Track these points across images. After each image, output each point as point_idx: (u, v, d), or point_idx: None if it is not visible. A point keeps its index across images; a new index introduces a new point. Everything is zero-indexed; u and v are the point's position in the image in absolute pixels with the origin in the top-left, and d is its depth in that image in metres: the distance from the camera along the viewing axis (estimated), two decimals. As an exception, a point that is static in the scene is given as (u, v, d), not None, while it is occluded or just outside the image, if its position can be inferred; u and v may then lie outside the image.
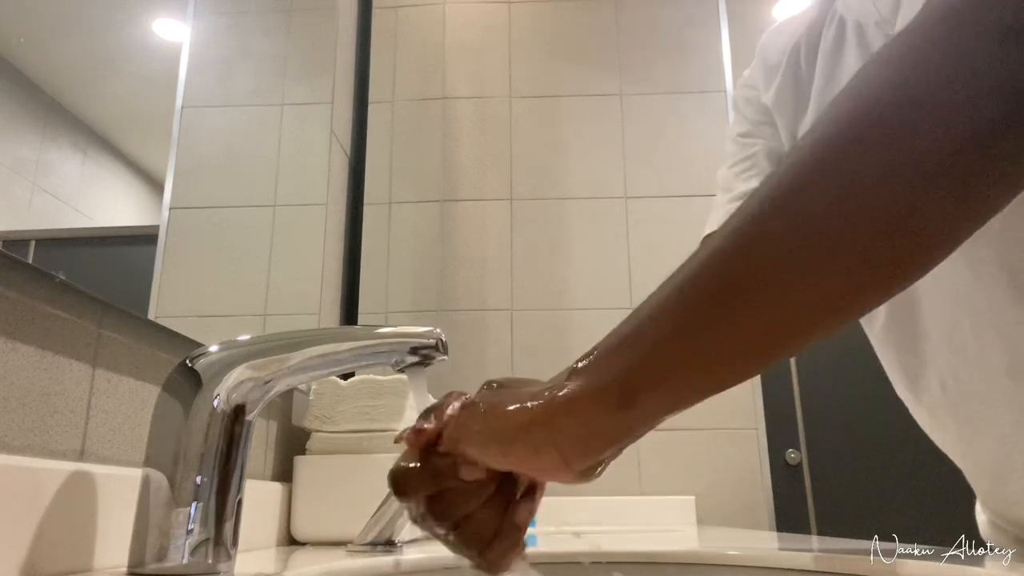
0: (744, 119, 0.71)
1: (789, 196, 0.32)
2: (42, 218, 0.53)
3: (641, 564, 0.66)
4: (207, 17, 0.80)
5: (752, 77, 0.72)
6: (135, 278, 0.65)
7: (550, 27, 1.98)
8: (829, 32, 0.63)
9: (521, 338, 1.77)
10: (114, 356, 0.59)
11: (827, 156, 0.31)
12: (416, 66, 1.88)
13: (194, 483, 0.45)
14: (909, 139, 0.29)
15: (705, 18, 1.96)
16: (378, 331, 0.48)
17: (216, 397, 0.46)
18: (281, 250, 1.00)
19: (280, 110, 1.03)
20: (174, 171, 0.71)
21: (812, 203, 0.31)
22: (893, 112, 0.30)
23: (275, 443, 0.92)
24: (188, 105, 0.74)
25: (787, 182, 0.32)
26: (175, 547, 0.44)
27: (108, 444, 0.57)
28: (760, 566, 0.59)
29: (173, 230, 0.70)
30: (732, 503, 1.66)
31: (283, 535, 0.88)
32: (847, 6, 0.61)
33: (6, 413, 0.47)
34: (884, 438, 2.92)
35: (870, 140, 0.30)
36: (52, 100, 0.54)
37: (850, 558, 0.51)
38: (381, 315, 1.46)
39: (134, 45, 0.66)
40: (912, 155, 0.29)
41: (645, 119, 1.90)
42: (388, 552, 0.68)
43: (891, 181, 0.29)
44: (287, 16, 1.07)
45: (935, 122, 0.29)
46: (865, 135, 0.30)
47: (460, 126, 1.92)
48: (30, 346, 0.49)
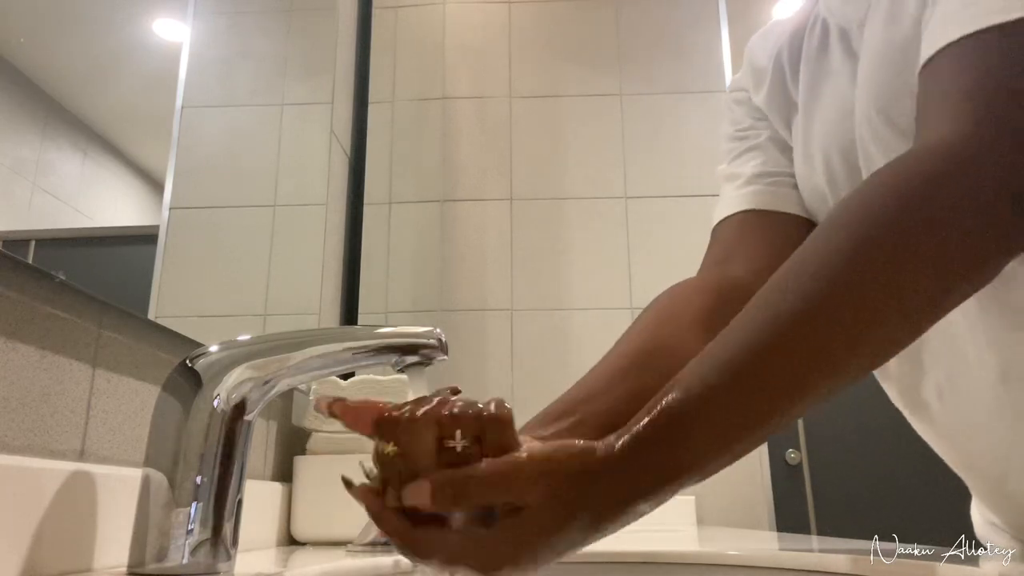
0: (739, 119, 0.71)
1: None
2: (42, 218, 0.53)
3: (641, 564, 0.66)
4: (207, 17, 0.80)
5: (741, 80, 0.72)
6: (135, 278, 0.65)
7: (550, 27, 1.98)
8: (812, 36, 0.63)
9: (521, 338, 1.77)
10: (114, 356, 0.59)
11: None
12: (416, 66, 1.88)
13: (194, 483, 0.45)
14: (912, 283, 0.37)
15: (705, 18, 1.96)
16: (378, 331, 0.48)
17: (216, 397, 0.46)
18: (281, 250, 1.00)
19: (280, 110, 1.03)
20: (174, 171, 0.71)
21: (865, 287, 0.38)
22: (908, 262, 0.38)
23: (275, 443, 0.92)
24: (188, 105, 0.74)
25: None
26: (175, 547, 0.44)
27: (108, 444, 0.57)
28: (760, 566, 0.59)
29: (173, 230, 0.70)
30: (732, 503, 1.66)
31: (283, 535, 0.88)
32: (829, 10, 0.61)
33: (6, 413, 0.47)
34: (884, 438, 2.92)
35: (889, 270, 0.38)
36: (52, 100, 0.54)
37: (850, 558, 0.51)
38: (381, 315, 1.46)
39: (134, 45, 0.66)
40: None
41: (645, 119, 1.90)
42: (388, 552, 0.68)
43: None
44: (287, 16, 1.07)
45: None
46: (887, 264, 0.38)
47: (460, 126, 1.92)
48: (30, 346, 0.49)
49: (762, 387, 0.36)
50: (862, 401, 3.00)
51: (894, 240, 0.38)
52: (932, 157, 0.39)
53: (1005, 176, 0.38)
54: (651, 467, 0.36)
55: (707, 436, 0.36)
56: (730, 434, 0.36)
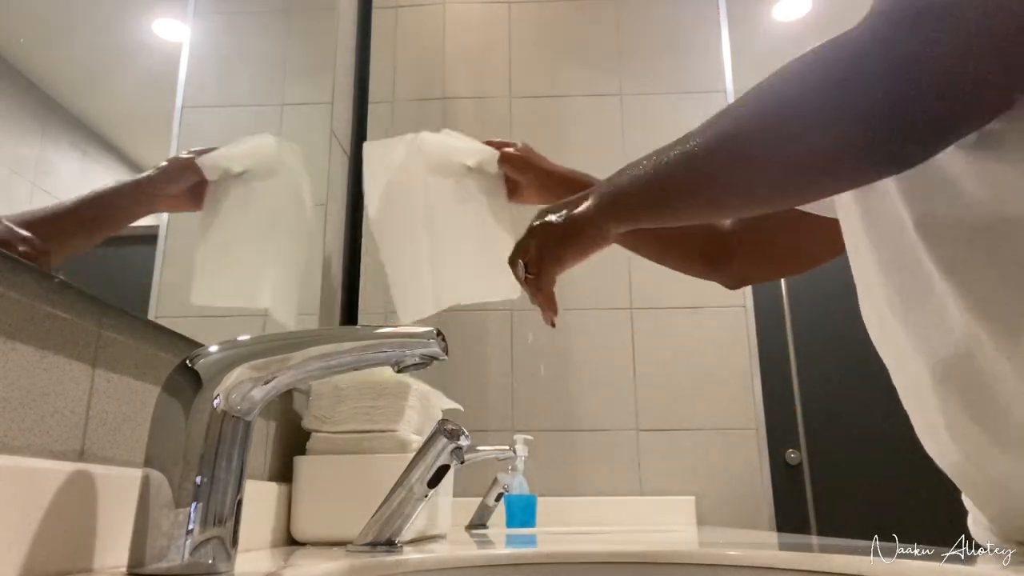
0: None
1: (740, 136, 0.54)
2: (42, 218, 0.53)
3: (641, 564, 0.66)
4: (207, 17, 0.80)
5: None
6: (135, 278, 0.65)
7: (550, 27, 1.98)
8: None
9: (521, 338, 1.77)
10: (114, 356, 0.59)
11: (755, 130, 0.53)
12: (416, 66, 1.88)
13: (194, 483, 0.45)
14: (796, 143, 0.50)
15: (705, 18, 1.96)
16: (378, 331, 0.48)
17: (216, 397, 0.46)
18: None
19: (280, 110, 1.03)
20: (174, 171, 0.71)
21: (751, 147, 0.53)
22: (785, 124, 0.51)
23: (275, 443, 0.92)
24: (188, 105, 0.74)
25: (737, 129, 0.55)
26: (175, 547, 0.44)
27: (108, 444, 0.57)
28: (760, 566, 0.59)
29: (173, 230, 0.70)
30: (732, 503, 1.66)
31: (283, 535, 0.88)
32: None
33: (6, 413, 0.47)
34: (884, 438, 2.92)
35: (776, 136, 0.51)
36: (52, 100, 0.54)
37: (850, 558, 0.51)
38: (381, 315, 1.46)
39: (134, 45, 0.66)
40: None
41: (645, 119, 1.90)
42: (388, 552, 0.68)
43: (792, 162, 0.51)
44: (287, 16, 1.07)
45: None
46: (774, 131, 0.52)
47: (460, 126, 1.92)
48: (30, 346, 0.49)
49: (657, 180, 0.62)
50: (862, 402, 3.00)
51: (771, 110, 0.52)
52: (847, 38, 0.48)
53: (897, 64, 0.44)
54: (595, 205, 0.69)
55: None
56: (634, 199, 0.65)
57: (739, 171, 0.54)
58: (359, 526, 0.74)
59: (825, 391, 3.14)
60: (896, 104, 0.44)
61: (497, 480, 1.44)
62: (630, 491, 1.67)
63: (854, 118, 0.45)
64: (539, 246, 0.72)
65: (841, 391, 3.13)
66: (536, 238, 0.72)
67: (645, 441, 1.70)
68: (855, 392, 3.05)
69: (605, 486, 1.68)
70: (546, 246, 0.71)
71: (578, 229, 0.69)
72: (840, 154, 0.48)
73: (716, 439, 1.69)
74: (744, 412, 1.69)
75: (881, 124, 0.44)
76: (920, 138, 0.44)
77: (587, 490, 1.68)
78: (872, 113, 0.45)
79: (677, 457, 1.69)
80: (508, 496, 1.43)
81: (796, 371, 3.18)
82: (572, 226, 0.69)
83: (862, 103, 0.45)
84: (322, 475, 0.88)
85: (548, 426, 1.71)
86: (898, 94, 0.43)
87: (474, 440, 1.17)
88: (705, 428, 1.69)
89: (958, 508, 0.65)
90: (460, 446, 0.74)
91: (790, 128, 0.50)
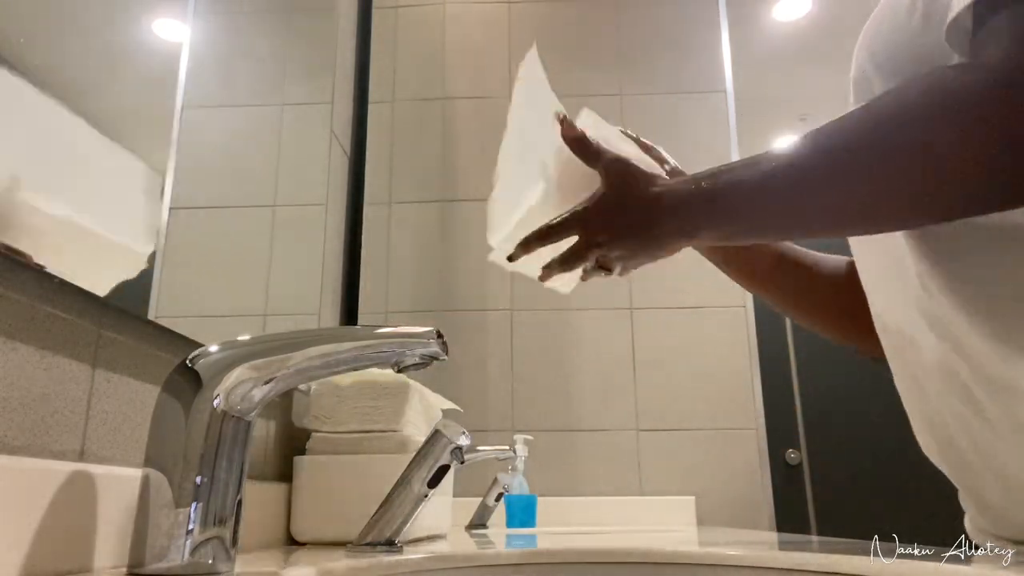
0: None
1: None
2: (42, 218, 0.53)
3: (641, 564, 0.66)
4: (207, 17, 0.80)
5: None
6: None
7: (550, 27, 1.98)
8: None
9: (521, 338, 1.77)
10: (114, 356, 0.59)
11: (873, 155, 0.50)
12: (416, 66, 1.88)
13: (194, 483, 0.45)
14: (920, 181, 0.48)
15: (705, 18, 1.96)
16: (378, 331, 0.48)
17: (216, 397, 0.46)
18: (281, 250, 1.00)
19: (280, 110, 1.03)
20: (174, 171, 0.71)
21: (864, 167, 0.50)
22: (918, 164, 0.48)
23: (275, 443, 0.92)
24: (188, 105, 0.74)
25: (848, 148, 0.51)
26: (175, 547, 0.44)
27: (108, 444, 0.57)
28: (760, 566, 0.59)
29: (173, 230, 0.70)
30: (732, 503, 1.66)
31: (283, 535, 0.88)
32: None
33: (6, 413, 0.47)
34: (884, 439, 2.91)
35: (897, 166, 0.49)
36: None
37: (850, 558, 0.51)
38: (381, 315, 1.46)
39: (134, 45, 0.66)
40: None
41: (645, 119, 1.90)
42: (388, 552, 0.68)
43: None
44: (287, 16, 1.07)
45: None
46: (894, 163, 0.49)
47: (460, 126, 1.92)
48: (30, 346, 0.49)
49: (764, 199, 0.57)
50: (862, 402, 3.00)
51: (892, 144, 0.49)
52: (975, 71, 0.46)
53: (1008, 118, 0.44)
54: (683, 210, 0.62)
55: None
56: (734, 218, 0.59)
57: (878, 185, 0.50)
58: (359, 526, 0.74)
59: (825, 391, 3.14)
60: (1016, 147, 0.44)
61: (497, 480, 1.44)
62: (630, 491, 1.67)
63: (977, 158, 0.45)
64: (622, 257, 0.66)
65: (841, 391, 3.12)
66: (616, 246, 0.65)
67: (645, 441, 1.70)
68: (855, 392, 3.05)
69: (605, 486, 1.68)
70: (628, 257, 0.66)
71: (662, 244, 0.63)
72: (955, 191, 0.47)
73: (716, 439, 1.69)
74: (744, 412, 1.69)
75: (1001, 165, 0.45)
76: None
77: (587, 490, 1.68)
78: (993, 155, 0.45)
79: (677, 457, 1.69)
80: (508, 496, 1.43)
81: (796, 371, 3.18)
82: (656, 241, 0.63)
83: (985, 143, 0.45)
84: (322, 475, 0.88)
85: (548, 426, 1.71)
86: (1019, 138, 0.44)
87: (474, 440, 1.17)
88: (705, 428, 1.69)
89: (957, 508, 0.65)
90: (460, 446, 0.74)
91: (915, 159, 0.48)
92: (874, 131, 0.50)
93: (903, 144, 0.48)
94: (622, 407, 1.72)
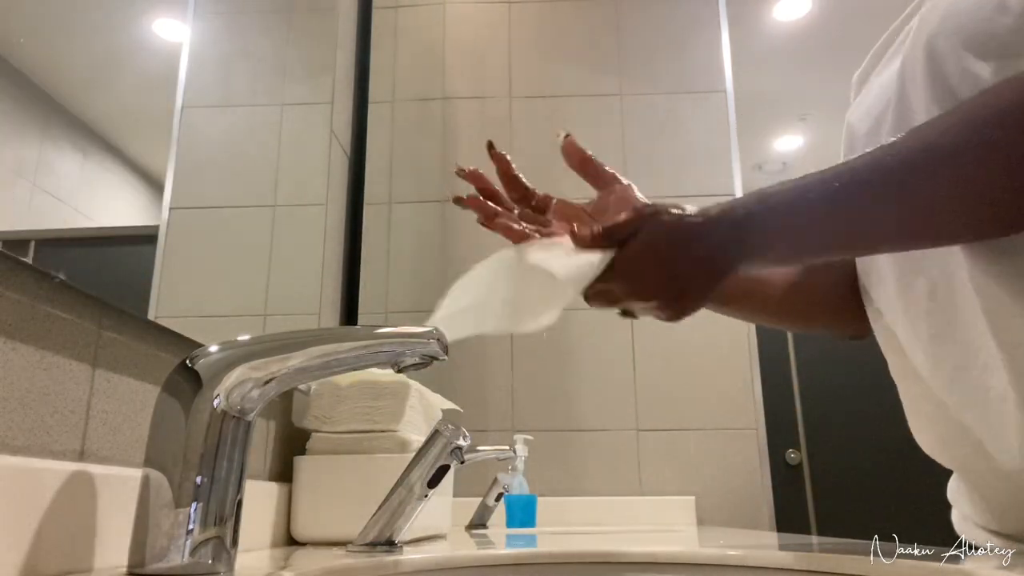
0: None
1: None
2: (42, 218, 0.53)
3: (641, 564, 0.66)
4: (207, 17, 0.80)
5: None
6: (135, 278, 0.65)
7: (550, 27, 1.98)
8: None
9: (521, 338, 1.77)
10: (114, 356, 0.59)
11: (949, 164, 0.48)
12: (416, 66, 1.88)
13: (194, 483, 0.45)
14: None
15: (705, 18, 1.96)
16: (378, 331, 0.48)
17: (216, 397, 0.46)
18: (281, 250, 1.00)
19: (280, 110, 1.03)
20: (174, 171, 0.71)
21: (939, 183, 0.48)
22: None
23: (275, 443, 0.92)
24: (188, 105, 0.74)
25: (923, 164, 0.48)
26: (175, 547, 0.44)
27: (108, 444, 0.57)
28: (760, 566, 0.59)
29: (173, 230, 0.70)
30: (732, 503, 1.66)
31: (283, 535, 0.88)
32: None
33: (6, 413, 0.47)
34: (884, 438, 2.91)
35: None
36: (52, 100, 0.54)
37: (850, 558, 0.51)
38: (381, 315, 1.46)
39: (134, 45, 0.66)
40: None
41: (645, 119, 1.90)
42: (388, 552, 0.68)
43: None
44: (287, 16, 1.07)
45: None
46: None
47: (460, 126, 1.92)
48: (30, 346, 0.49)
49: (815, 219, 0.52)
50: (862, 402, 3.00)
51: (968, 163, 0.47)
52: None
53: None
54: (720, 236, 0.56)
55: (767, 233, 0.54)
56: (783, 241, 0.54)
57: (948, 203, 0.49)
58: (359, 526, 0.74)
59: (825, 391, 3.14)
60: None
61: (497, 480, 1.44)
62: (630, 491, 1.67)
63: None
64: (680, 310, 0.59)
65: (841, 391, 3.12)
66: (675, 301, 0.59)
67: (645, 441, 1.70)
68: (855, 392, 3.05)
69: (605, 486, 1.68)
70: (688, 308, 0.59)
71: (716, 285, 0.57)
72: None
73: (716, 439, 1.69)
74: (744, 412, 1.69)
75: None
76: None
77: (587, 490, 1.68)
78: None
79: (677, 457, 1.69)
80: (508, 496, 1.43)
81: (796, 371, 3.18)
82: (709, 286, 0.57)
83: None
84: (322, 475, 0.88)
85: (548, 426, 1.71)
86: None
87: (474, 440, 1.17)
88: (705, 428, 1.69)
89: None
90: (460, 446, 0.74)
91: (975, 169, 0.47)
92: (978, 131, 0.47)
93: (1004, 144, 0.46)
94: (622, 407, 1.72)
